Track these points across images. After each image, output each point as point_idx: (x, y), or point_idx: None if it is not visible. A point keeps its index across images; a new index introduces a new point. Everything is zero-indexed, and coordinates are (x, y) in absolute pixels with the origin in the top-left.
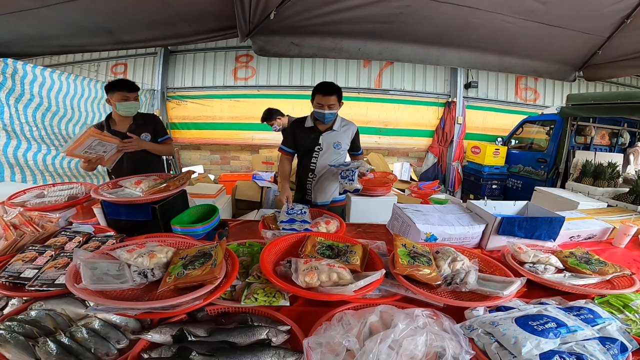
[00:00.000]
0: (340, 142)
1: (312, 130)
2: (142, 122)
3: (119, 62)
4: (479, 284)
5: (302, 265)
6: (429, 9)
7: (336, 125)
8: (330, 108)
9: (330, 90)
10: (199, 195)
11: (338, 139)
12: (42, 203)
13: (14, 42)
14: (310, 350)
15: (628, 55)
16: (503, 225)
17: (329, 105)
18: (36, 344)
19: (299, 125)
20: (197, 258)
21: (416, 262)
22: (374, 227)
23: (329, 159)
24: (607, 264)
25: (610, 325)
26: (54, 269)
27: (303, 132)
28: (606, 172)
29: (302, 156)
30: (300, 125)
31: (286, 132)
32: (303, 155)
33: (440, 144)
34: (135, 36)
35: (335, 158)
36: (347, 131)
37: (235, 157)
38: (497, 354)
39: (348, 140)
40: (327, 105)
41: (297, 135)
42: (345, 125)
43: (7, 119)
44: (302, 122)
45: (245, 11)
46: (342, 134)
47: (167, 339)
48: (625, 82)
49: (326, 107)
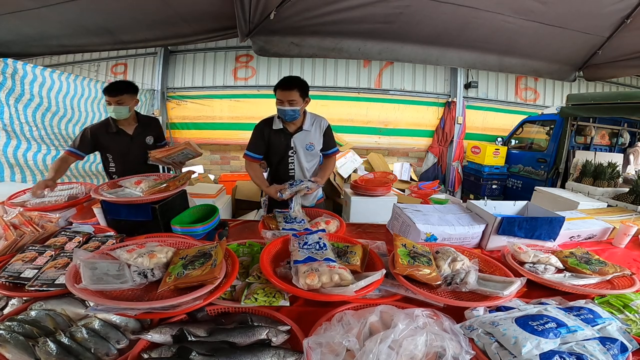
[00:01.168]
0: (313, 143)
1: (281, 132)
2: (147, 124)
3: (119, 62)
4: (479, 284)
5: (302, 267)
6: (429, 9)
7: (306, 125)
8: (291, 104)
9: (290, 84)
10: (199, 195)
11: (310, 140)
12: (42, 203)
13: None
14: (310, 351)
15: (628, 55)
16: (503, 225)
17: (289, 100)
18: (36, 344)
19: (267, 126)
20: (197, 258)
21: (416, 262)
22: (374, 227)
23: (304, 162)
24: (607, 264)
25: (610, 326)
26: (54, 269)
27: (272, 134)
28: (606, 172)
29: (277, 163)
30: (268, 126)
31: (253, 136)
32: (277, 162)
33: (440, 144)
34: (135, 36)
35: (310, 160)
36: (318, 129)
37: (235, 157)
38: (497, 354)
39: (320, 139)
40: (287, 101)
41: (267, 139)
42: (315, 123)
43: (7, 119)
44: (269, 122)
45: (245, 11)
46: (313, 134)
47: (167, 339)
48: (625, 82)
49: (286, 103)
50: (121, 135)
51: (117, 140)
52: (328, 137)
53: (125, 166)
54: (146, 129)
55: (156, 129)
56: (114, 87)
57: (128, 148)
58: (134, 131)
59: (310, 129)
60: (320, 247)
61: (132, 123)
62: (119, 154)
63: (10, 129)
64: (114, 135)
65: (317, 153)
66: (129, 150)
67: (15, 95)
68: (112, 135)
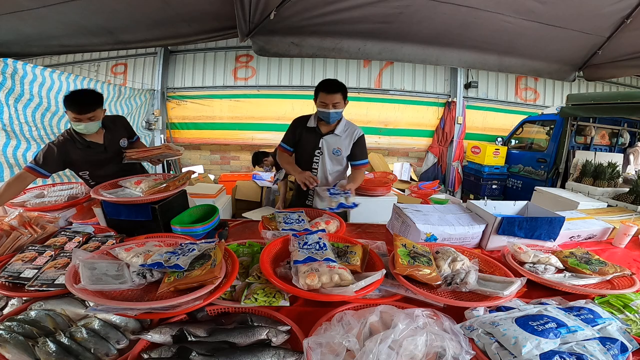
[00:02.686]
0: (340, 149)
1: (313, 130)
2: (114, 127)
3: (119, 62)
4: (479, 284)
5: (302, 267)
6: (429, 9)
7: (339, 129)
8: (335, 107)
9: (335, 87)
10: (199, 195)
11: (338, 145)
12: (42, 203)
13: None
14: (310, 351)
15: (628, 55)
16: (503, 225)
17: (334, 103)
18: (36, 344)
19: (301, 123)
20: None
21: (416, 262)
22: (374, 227)
23: (328, 165)
24: (607, 264)
25: (610, 326)
26: (54, 269)
27: (305, 131)
28: (606, 172)
29: (303, 160)
30: (302, 123)
31: (288, 130)
32: (304, 159)
33: (440, 144)
34: (135, 36)
35: (334, 165)
36: (349, 136)
37: (235, 157)
38: (497, 354)
39: (348, 147)
40: (331, 104)
41: (298, 135)
42: (347, 130)
43: (6, 119)
44: (304, 120)
45: (245, 11)
46: (343, 140)
47: (167, 339)
48: (625, 82)
49: (331, 106)
50: (93, 148)
51: (90, 154)
52: (358, 147)
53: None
54: (115, 131)
55: (124, 127)
56: (83, 101)
57: (104, 159)
58: (104, 139)
59: (341, 135)
60: (320, 247)
61: (100, 131)
62: (95, 169)
63: (10, 129)
64: (86, 150)
65: (343, 160)
66: (106, 162)
67: (15, 95)
68: (84, 150)
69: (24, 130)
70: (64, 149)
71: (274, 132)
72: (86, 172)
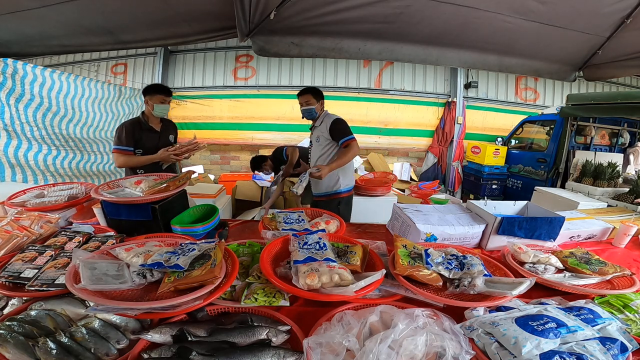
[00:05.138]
0: (319, 136)
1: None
2: (169, 124)
3: (119, 62)
4: (487, 286)
5: (302, 267)
6: (429, 9)
7: (318, 122)
8: (308, 104)
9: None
10: (199, 195)
11: (317, 134)
12: (42, 203)
13: (14, 42)
14: (310, 350)
15: (628, 55)
16: (503, 225)
17: (306, 102)
18: (36, 344)
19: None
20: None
21: (416, 262)
22: (374, 227)
23: (315, 152)
24: (607, 264)
25: (610, 326)
26: (54, 269)
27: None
28: (606, 172)
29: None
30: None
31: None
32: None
33: (440, 144)
34: (135, 36)
35: (320, 152)
36: (325, 124)
37: (235, 157)
38: (497, 354)
39: (326, 133)
40: (304, 102)
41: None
42: (324, 120)
43: (7, 119)
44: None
45: (245, 11)
46: (321, 129)
47: (167, 339)
48: (625, 82)
49: (304, 104)
50: (151, 132)
51: (149, 136)
52: (335, 129)
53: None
54: (168, 127)
55: (174, 129)
56: (167, 88)
57: (156, 143)
58: (160, 128)
59: (319, 125)
60: (320, 247)
61: (158, 122)
62: (148, 150)
63: (10, 129)
64: (146, 132)
65: (326, 145)
66: (157, 146)
67: (15, 95)
68: (145, 132)
69: (25, 130)
70: (131, 128)
71: (274, 132)
72: (140, 151)
